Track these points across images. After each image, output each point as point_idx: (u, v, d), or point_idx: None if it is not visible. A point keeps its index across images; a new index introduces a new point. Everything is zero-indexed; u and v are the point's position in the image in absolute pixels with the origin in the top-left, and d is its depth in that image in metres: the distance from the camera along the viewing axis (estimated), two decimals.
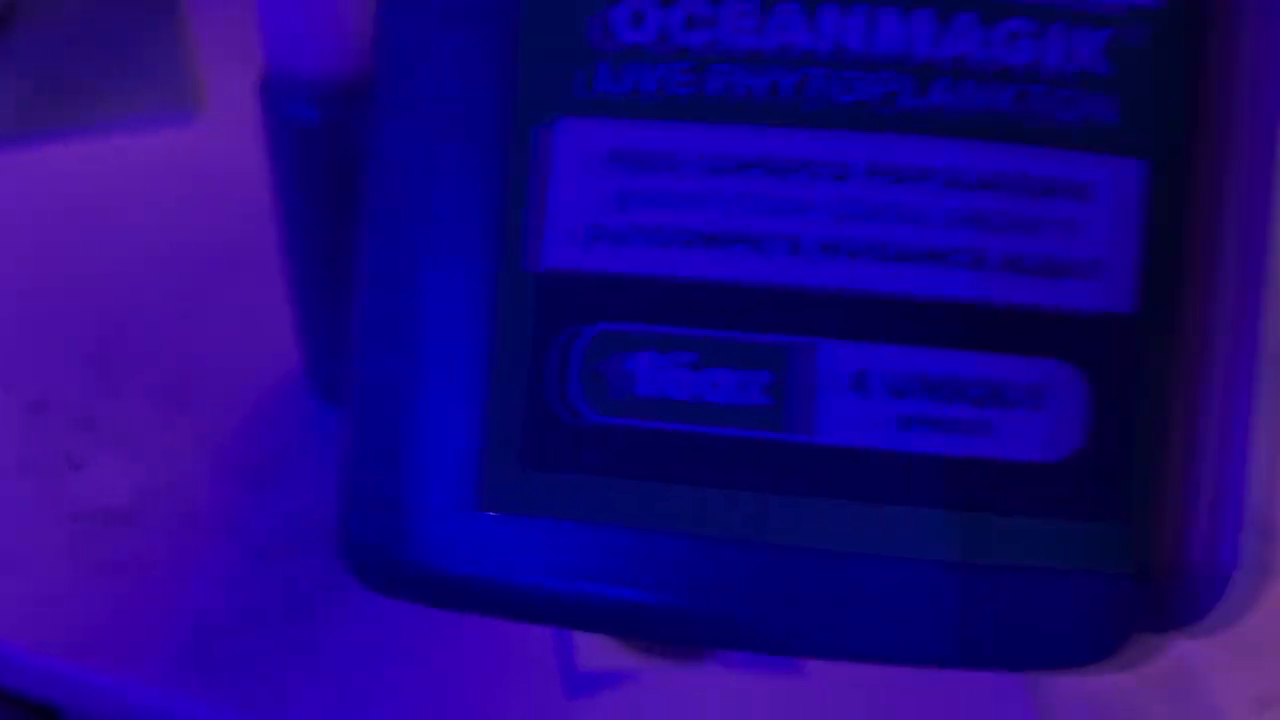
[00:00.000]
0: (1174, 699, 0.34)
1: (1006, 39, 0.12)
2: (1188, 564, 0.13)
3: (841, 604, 0.12)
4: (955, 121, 0.12)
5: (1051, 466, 0.13)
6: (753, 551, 0.13)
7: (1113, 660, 0.13)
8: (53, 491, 0.36)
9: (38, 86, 0.49)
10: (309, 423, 0.39)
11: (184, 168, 0.47)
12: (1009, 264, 0.13)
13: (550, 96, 0.13)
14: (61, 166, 0.47)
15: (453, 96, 0.13)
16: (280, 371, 0.40)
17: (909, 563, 0.12)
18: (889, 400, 0.12)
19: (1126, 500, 0.13)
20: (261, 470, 0.37)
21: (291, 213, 0.34)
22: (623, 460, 0.13)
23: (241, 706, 0.32)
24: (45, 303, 0.42)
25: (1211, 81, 0.13)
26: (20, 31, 0.52)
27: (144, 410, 0.38)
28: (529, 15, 0.13)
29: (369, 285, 0.14)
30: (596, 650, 0.34)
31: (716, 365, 0.13)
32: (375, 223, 0.13)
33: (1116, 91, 0.13)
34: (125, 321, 0.41)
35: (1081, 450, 0.13)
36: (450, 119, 0.13)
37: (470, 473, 0.13)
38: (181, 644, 0.33)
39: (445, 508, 0.13)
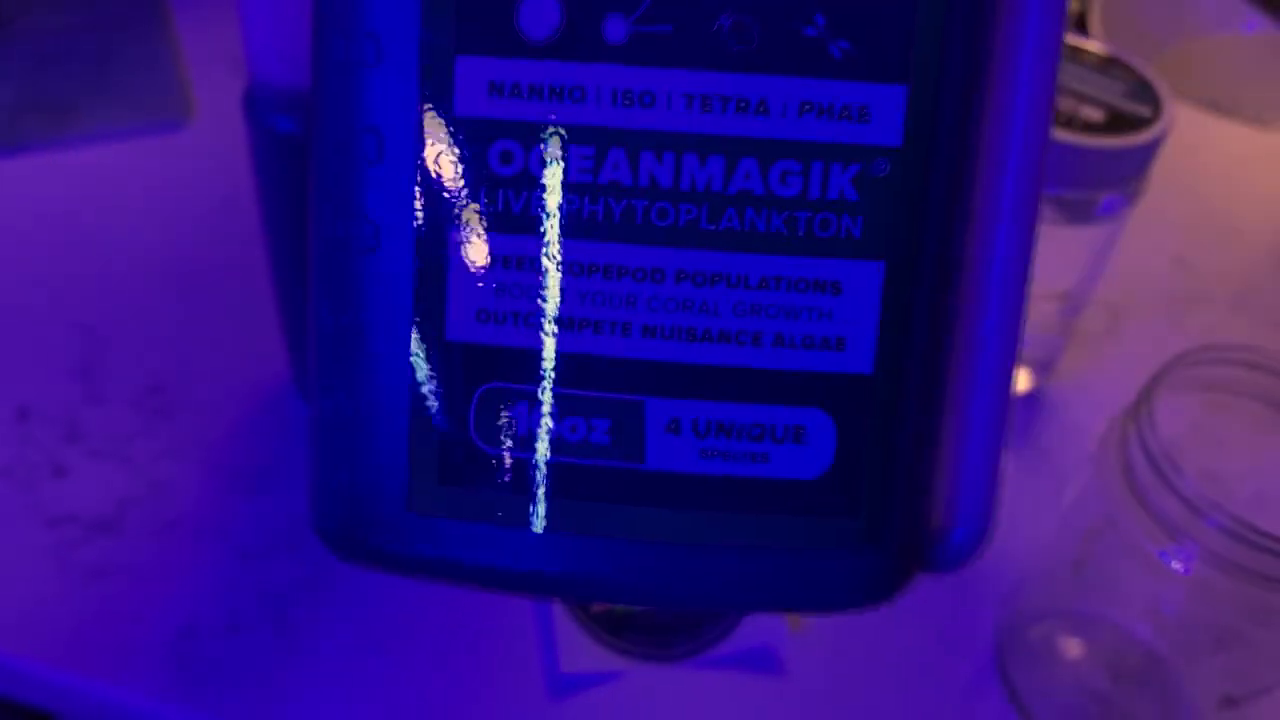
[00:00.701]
0: (1147, 696, 0.34)
1: (779, 177, 0.17)
2: (923, 533, 0.19)
3: (668, 574, 0.18)
4: (740, 239, 0.17)
5: (810, 482, 0.18)
6: (602, 540, 0.18)
7: (867, 602, 0.19)
8: (37, 498, 0.36)
9: (27, 97, 0.49)
10: (295, 426, 0.39)
11: (172, 177, 0.47)
12: (779, 340, 0.18)
13: (446, 214, 0.17)
14: (50, 176, 0.47)
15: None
16: (266, 375, 0.40)
17: (714, 546, 0.18)
18: (694, 439, 0.18)
19: (863, 501, 0.18)
20: (247, 474, 0.38)
21: (275, 220, 0.34)
22: (508, 479, 0.18)
23: (229, 709, 0.32)
24: (31, 310, 0.42)
25: (939, 200, 0.17)
26: (10, 42, 0.52)
27: (128, 416, 0.39)
28: (425, 152, 0.17)
29: (318, 343, 0.18)
30: (580, 652, 0.34)
31: (571, 415, 0.18)
32: (320, 294, 0.18)
33: (861, 212, 0.17)
34: (110, 328, 0.42)
35: (830, 469, 0.18)
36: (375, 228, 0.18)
37: (401, 485, 0.18)
38: (167, 648, 0.33)
39: (385, 510, 0.18)
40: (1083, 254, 0.39)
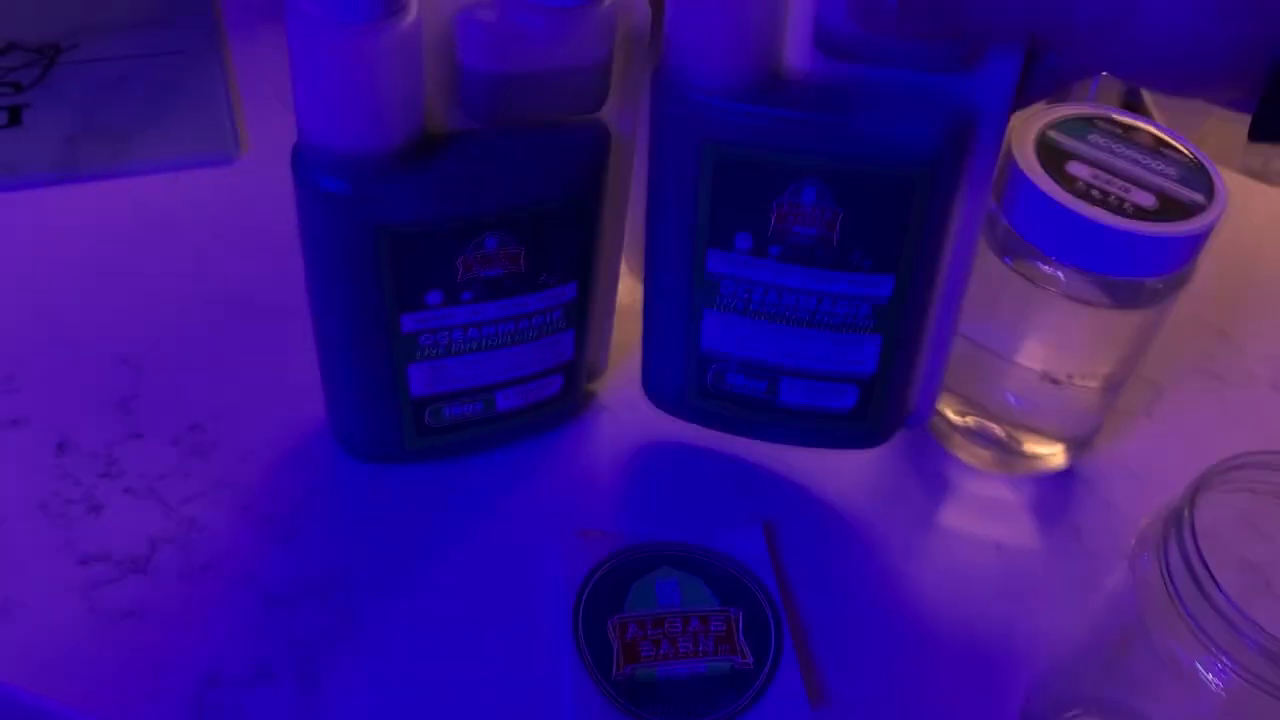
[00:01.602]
0: None
1: (837, 308, 0.37)
2: (903, 415, 0.40)
3: (785, 434, 0.41)
4: (817, 326, 0.37)
5: (848, 409, 0.39)
6: (757, 427, 0.41)
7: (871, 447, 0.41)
8: (71, 534, 0.37)
9: (82, 127, 0.50)
10: (329, 473, 0.39)
11: (221, 212, 0.48)
12: (834, 373, 0.38)
13: (700, 300, 0.37)
14: (101, 207, 0.47)
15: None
16: (304, 419, 0.40)
17: (802, 430, 0.41)
18: (802, 392, 0.39)
19: (871, 417, 0.40)
20: (279, 519, 0.38)
21: (319, 274, 0.34)
22: (718, 400, 0.40)
23: None
24: (77, 341, 0.42)
25: (912, 311, 0.37)
26: (67, 73, 0.53)
27: (166, 454, 0.39)
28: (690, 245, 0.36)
29: (653, 331, 0.39)
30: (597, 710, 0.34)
31: (745, 377, 0.39)
32: (653, 274, 0.38)
33: (873, 319, 0.37)
34: (153, 363, 0.42)
35: (855, 405, 0.39)
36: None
37: (682, 396, 0.40)
38: (189, 695, 0.33)
39: (675, 400, 0.41)
40: (1128, 336, 0.39)
